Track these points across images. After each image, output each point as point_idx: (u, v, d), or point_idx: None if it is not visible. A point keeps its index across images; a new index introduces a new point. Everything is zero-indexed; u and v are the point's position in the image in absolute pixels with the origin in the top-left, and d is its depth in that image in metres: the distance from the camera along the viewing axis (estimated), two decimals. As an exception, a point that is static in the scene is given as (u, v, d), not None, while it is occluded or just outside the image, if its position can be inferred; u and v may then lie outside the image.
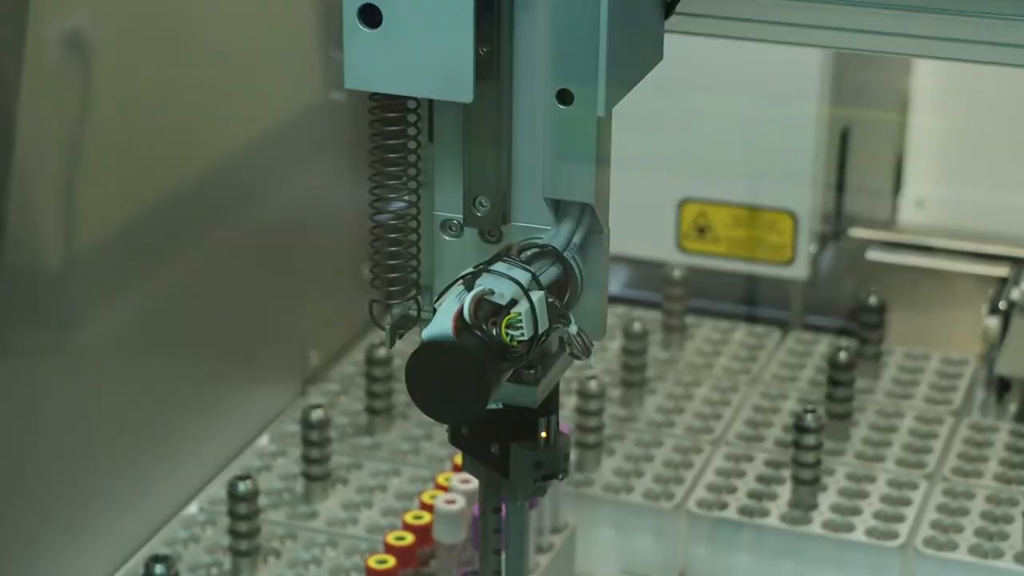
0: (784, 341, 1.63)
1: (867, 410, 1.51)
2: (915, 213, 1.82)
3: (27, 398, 1.26)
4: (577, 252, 1.02)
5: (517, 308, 0.96)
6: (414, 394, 0.95)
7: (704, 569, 1.38)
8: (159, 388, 1.41)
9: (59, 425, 1.29)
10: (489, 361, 0.95)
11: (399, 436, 1.49)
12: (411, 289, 1.05)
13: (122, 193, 1.33)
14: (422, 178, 1.04)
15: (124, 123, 1.32)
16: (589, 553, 1.39)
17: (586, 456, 1.43)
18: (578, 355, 1.02)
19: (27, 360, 1.26)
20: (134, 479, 1.38)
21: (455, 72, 0.97)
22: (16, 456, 1.25)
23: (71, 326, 1.30)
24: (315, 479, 1.40)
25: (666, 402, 1.53)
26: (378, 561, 1.24)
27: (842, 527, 1.36)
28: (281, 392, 1.57)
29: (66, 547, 1.31)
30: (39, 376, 1.27)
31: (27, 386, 1.26)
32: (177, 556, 1.31)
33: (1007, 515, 1.37)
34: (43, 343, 1.28)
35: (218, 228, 1.46)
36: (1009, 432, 1.48)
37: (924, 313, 1.70)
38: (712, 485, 1.41)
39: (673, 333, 1.62)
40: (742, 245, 1.67)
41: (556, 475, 1.07)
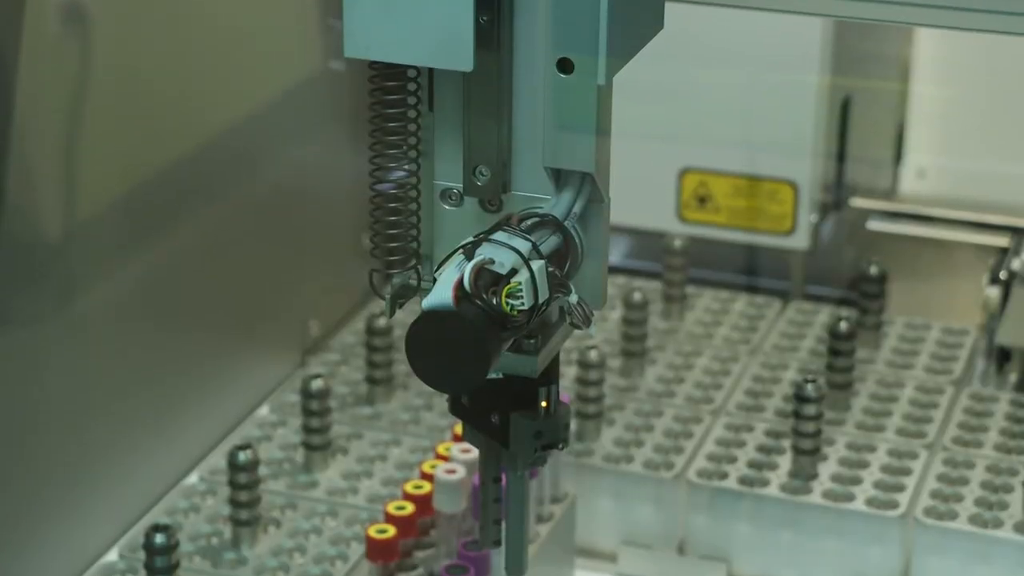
0: (784, 311, 1.63)
1: (867, 380, 1.51)
2: (916, 183, 1.81)
3: (27, 368, 1.26)
4: (577, 221, 1.02)
5: (517, 277, 0.96)
6: (414, 364, 0.95)
7: (704, 539, 1.38)
8: (159, 358, 1.41)
9: (59, 395, 1.29)
10: (489, 330, 0.95)
11: (399, 406, 1.49)
12: (411, 259, 1.05)
13: (122, 164, 1.33)
14: (422, 147, 1.03)
15: (124, 94, 1.32)
16: (589, 523, 1.40)
17: (586, 426, 1.43)
18: (578, 325, 1.02)
19: (27, 330, 1.26)
20: (134, 449, 1.38)
21: (455, 41, 0.97)
22: (15, 427, 1.26)
23: (71, 297, 1.30)
24: (315, 449, 1.40)
25: (666, 372, 1.53)
26: (378, 531, 1.24)
27: (842, 497, 1.36)
28: (281, 362, 1.57)
29: (66, 517, 1.31)
30: (39, 346, 1.27)
31: (27, 356, 1.26)
32: (177, 526, 1.31)
33: (1007, 485, 1.37)
34: (43, 313, 1.28)
35: (218, 198, 1.46)
36: (1009, 402, 1.48)
37: (925, 283, 1.70)
38: (712, 455, 1.41)
39: (673, 303, 1.61)
40: (742, 215, 1.67)
41: (556, 445, 1.07)
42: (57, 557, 1.30)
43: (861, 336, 1.53)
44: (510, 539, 1.11)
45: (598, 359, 1.41)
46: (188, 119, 1.41)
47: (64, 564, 1.30)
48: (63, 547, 1.30)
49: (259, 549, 1.30)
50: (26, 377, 1.26)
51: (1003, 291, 1.58)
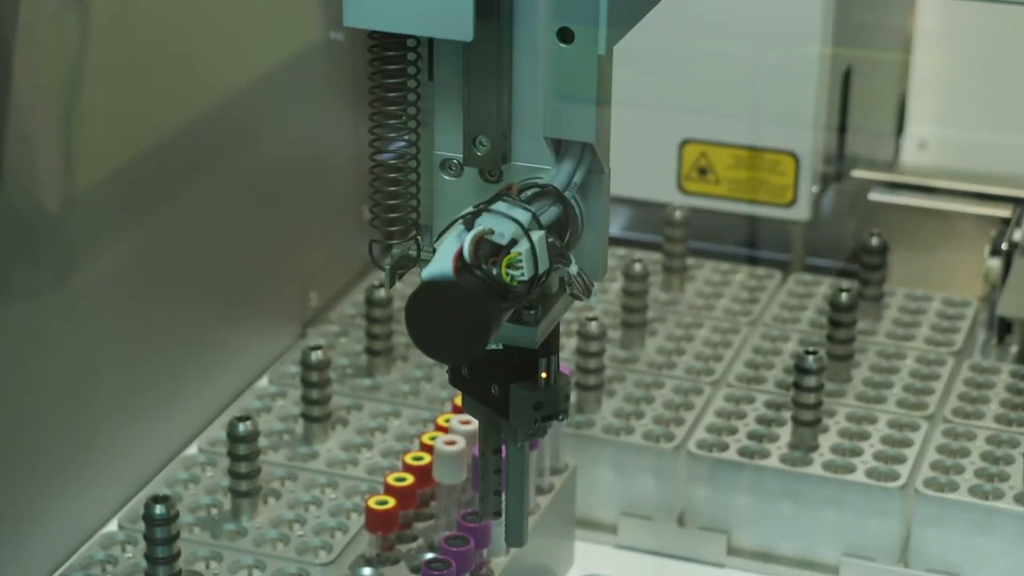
0: (785, 282, 1.63)
1: (868, 351, 1.51)
2: (917, 154, 1.81)
3: (27, 339, 1.26)
4: (578, 192, 1.02)
5: (517, 248, 0.96)
6: (414, 334, 0.95)
7: (704, 510, 1.38)
8: (159, 330, 1.40)
9: (59, 366, 1.29)
10: (489, 301, 0.95)
11: (399, 377, 1.49)
12: (411, 229, 1.04)
13: (121, 134, 1.33)
14: (422, 117, 1.03)
15: (123, 63, 1.31)
16: (589, 494, 1.39)
17: (586, 398, 1.42)
18: (579, 295, 1.02)
19: (27, 301, 1.26)
20: (134, 420, 1.38)
21: (455, 10, 0.97)
22: (15, 397, 1.25)
23: (70, 269, 1.30)
24: (315, 420, 1.40)
25: (667, 343, 1.52)
26: (378, 502, 1.24)
27: (842, 468, 1.36)
28: (281, 334, 1.57)
29: (66, 488, 1.31)
30: (39, 317, 1.27)
31: (27, 327, 1.26)
32: (177, 497, 1.32)
33: (1008, 456, 1.37)
34: (42, 286, 1.27)
35: (218, 169, 1.46)
36: (1010, 373, 1.48)
37: (926, 254, 1.70)
38: (712, 426, 1.41)
39: (674, 274, 1.61)
40: (743, 186, 1.66)
41: (556, 416, 1.07)
42: (57, 528, 1.30)
43: (862, 307, 1.53)
44: (510, 510, 1.11)
45: (598, 330, 1.41)
46: (187, 90, 1.40)
47: (64, 535, 1.30)
48: (63, 518, 1.30)
49: (259, 520, 1.30)
50: (25, 349, 1.26)
51: (1004, 262, 1.58)
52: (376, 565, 1.24)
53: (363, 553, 1.26)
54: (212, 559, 1.26)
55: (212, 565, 1.26)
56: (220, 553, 1.26)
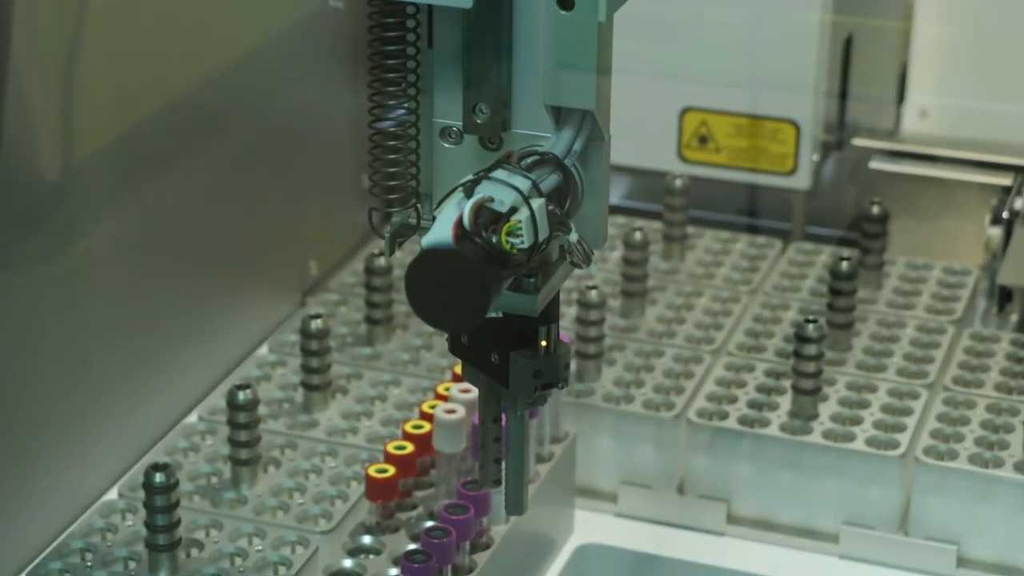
0: (785, 251, 1.63)
1: (868, 320, 1.51)
2: (918, 122, 1.81)
3: (27, 308, 1.26)
4: (578, 160, 1.01)
5: (517, 216, 0.95)
6: (414, 302, 0.95)
7: (704, 479, 1.38)
8: (158, 298, 1.40)
9: (59, 335, 1.29)
10: (489, 269, 0.94)
11: (399, 346, 1.49)
12: (410, 197, 1.04)
13: (120, 103, 1.32)
14: (421, 85, 1.03)
15: (122, 33, 1.31)
16: (589, 463, 1.40)
17: (587, 366, 1.42)
18: (579, 263, 1.02)
19: (26, 270, 1.26)
20: (134, 389, 1.38)
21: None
22: (15, 366, 1.25)
23: (70, 238, 1.30)
24: (315, 389, 1.40)
25: (667, 312, 1.52)
26: (378, 470, 1.24)
27: (842, 437, 1.36)
28: (281, 302, 1.56)
29: (66, 456, 1.31)
30: (38, 286, 1.27)
31: (26, 296, 1.26)
32: (177, 465, 1.32)
33: (1008, 424, 1.37)
34: (42, 254, 1.27)
35: (217, 138, 1.45)
36: (1010, 342, 1.48)
37: (926, 223, 1.69)
38: (712, 395, 1.41)
39: (674, 243, 1.61)
40: (744, 155, 1.66)
41: (556, 384, 1.06)
42: (58, 496, 1.30)
43: (862, 276, 1.53)
44: (510, 479, 1.11)
45: (598, 299, 1.41)
46: (186, 58, 1.40)
47: (65, 503, 1.31)
48: (63, 486, 1.31)
49: (259, 488, 1.30)
50: (26, 318, 1.26)
51: (1005, 231, 1.58)
52: (376, 533, 1.25)
53: (363, 521, 1.26)
54: (212, 527, 1.26)
55: (212, 533, 1.26)
56: (220, 521, 1.26)
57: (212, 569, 1.22)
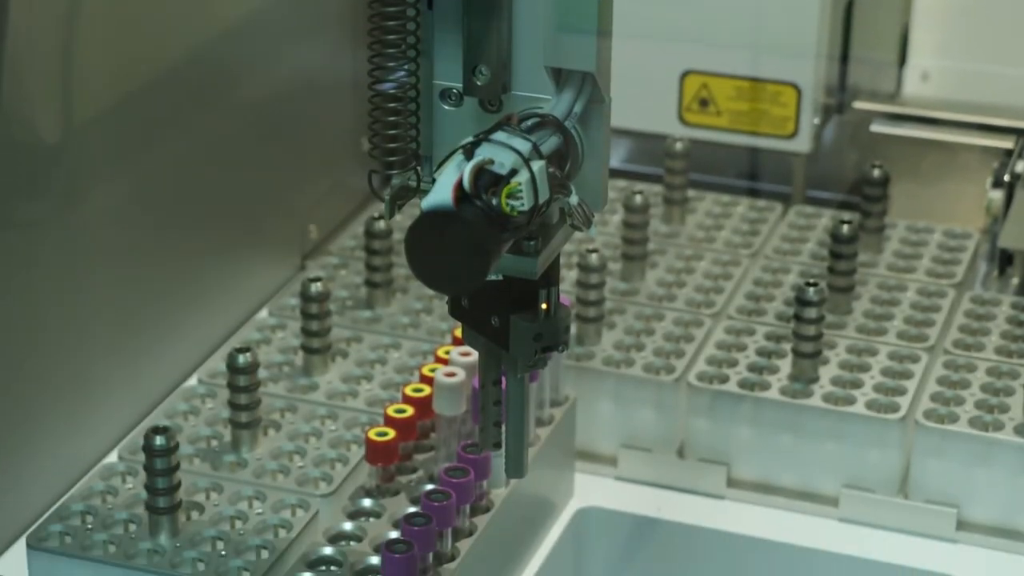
0: (786, 215, 1.62)
1: (869, 283, 1.50)
2: (920, 85, 1.80)
3: (27, 273, 1.26)
4: (578, 122, 1.01)
5: (517, 178, 0.95)
6: (413, 265, 0.95)
7: (704, 442, 1.38)
8: (158, 262, 1.40)
9: (59, 298, 1.29)
10: (489, 231, 0.94)
11: (399, 309, 1.49)
12: (410, 160, 1.04)
13: (119, 66, 1.32)
14: (421, 47, 1.02)
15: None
16: (589, 426, 1.40)
17: (587, 330, 1.42)
18: (579, 226, 1.02)
19: (26, 235, 1.25)
20: (134, 352, 1.38)
21: (454, -63, 0.96)
22: (15, 330, 1.25)
23: (70, 201, 1.29)
24: (315, 352, 1.40)
25: (667, 276, 1.52)
26: (378, 433, 1.24)
27: (843, 400, 1.36)
28: (280, 266, 1.56)
29: (66, 420, 1.31)
30: (38, 250, 1.27)
31: (26, 261, 1.26)
32: (177, 428, 1.32)
33: (1008, 388, 1.37)
34: (42, 218, 1.27)
35: (217, 101, 1.45)
36: (1011, 305, 1.48)
37: (927, 186, 1.69)
38: (712, 358, 1.41)
39: (674, 206, 1.61)
40: (745, 118, 1.65)
41: (556, 347, 1.06)
42: (58, 459, 1.30)
43: (863, 239, 1.52)
44: (510, 442, 1.11)
45: (599, 262, 1.41)
46: (185, 22, 1.39)
47: (65, 466, 1.31)
48: (64, 449, 1.31)
49: (259, 452, 1.30)
50: (26, 282, 1.26)
51: (1006, 194, 1.57)
52: (376, 496, 1.25)
53: (363, 484, 1.26)
54: (212, 490, 1.26)
55: (212, 496, 1.26)
56: (220, 484, 1.26)
57: (212, 532, 1.22)
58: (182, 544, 1.20)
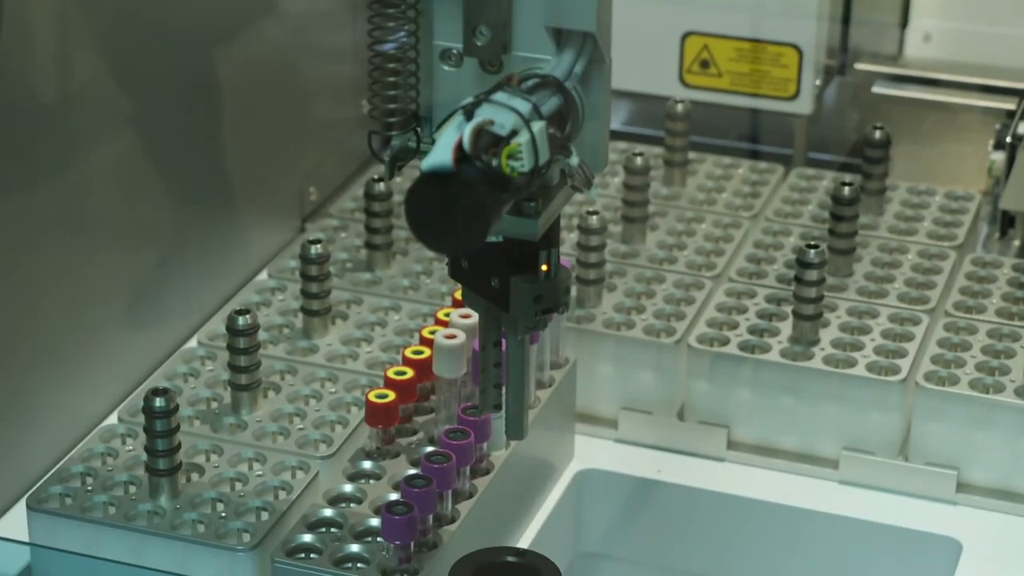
0: (787, 176, 1.62)
1: (870, 245, 1.50)
2: (921, 46, 1.79)
3: (27, 235, 1.26)
4: (578, 83, 1.01)
5: (518, 138, 0.95)
6: (413, 226, 0.94)
7: (704, 404, 1.38)
8: (158, 224, 1.40)
9: (59, 260, 1.29)
10: (489, 192, 0.94)
11: (399, 272, 1.48)
12: (410, 120, 1.04)
13: (118, 28, 1.31)
14: (421, 7, 1.02)
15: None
16: (590, 389, 1.39)
17: (587, 292, 1.42)
18: (579, 187, 1.01)
19: (26, 197, 1.25)
20: (133, 314, 1.38)
21: None
22: (15, 292, 1.25)
23: (69, 162, 1.29)
24: (314, 314, 1.39)
25: (667, 238, 1.52)
26: (378, 396, 1.24)
27: (843, 362, 1.36)
28: (280, 228, 1.56)
29: (66, 381, 1.31)
30: (39, 212, 1.26)
31: (27, 223, 1.25)
32: (177, 390, 1.31)
33: (1009, 350, 1.37)
34: (41, 180, 1.27)
35: (218, 62, 1.44)
36: (1012, 267, 1.47)
37: (929, 147, 1.69)
38: (713, 321, 1.41)
39: (675, 168, 1.60)
40: (746, 79, 1.65)
41: (556, 309, 1.06)
42: (58, 421, 1.30)
43: (864, 201, 1.52)
44: (510, 404, 1.11)
45: (599, 225, 1.40)
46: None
47: (65, 428, 1.31)
48: (64, 411, 1.31)
49: (258, 414, 1.30)
50: (26, 245, 1.25)
51: (1008, 155, 1.57)
52: (376, 458, 1.25)
53: (363, 446, 1.26)
54: (212, 452, 1.26)
55: (212, 458, 1.26)
56: (220, 446, 1.26)
57: (212, 493, 1.22)
58: (182, 506, 1.20)
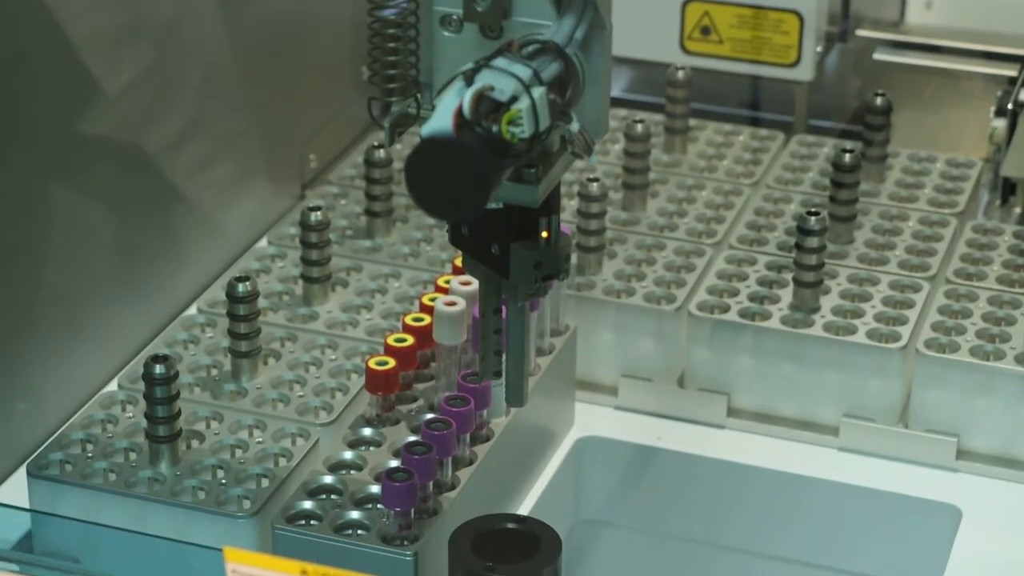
0: (788, 144, 1.61)
1: (871, 212, 1.50)
2: (923, 13, 1.79)
3: (28, 202, 1.25)
4: (579, 48, 1.00)
5: (518, 104, 0.95)
6: (413, 192, 0.94)
7: (705, 372, 1.38)
8: (158, 191, 1.40)
9: (59, 227, 1.29)
10: (489, 157, 0.94)
11: (399, 239, 1.48)
12: (410, 87, 1.03)
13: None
14: (421, -29, 1.01)
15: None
16: (590, 356, 1.39)
17: (587, 259, 1.42)
18: (580, 153, 1.01)
19: (26, 164, 1.25)
20: (134, 281, 1.38)
21: None
22: (16, 258, 1.25)
23: (70, 127, 1.29)
24: (315, 281, 1.39)
25: (668, 205, 1.52)
26: (378, 363, 1.24)
27: (844, 329, 1.35)
28: (280, 195, 1.56)
29: (66, 348, 1.31)
30: (37, 180, 1.26)
31: (27, 190, 1.25)
32: (177, 357, 1.31)
33: (1009, 317, 1.37)
34: (42, 147, 1.26)
35: (216, 29, 1.44)
36: (1013, 234, 1.47)
37: (930, 114, 1.68)
38: (714, 288, 1.40)
39: (676, 136, 1.60)
40: (747, 46, 1.64)
41: (556, 275, 1.06)
42: (59, 388, 1.30)
43: (865, 168, 1.52)
44: (510, 371, 1.11)
45: (599, 191, 1.40)
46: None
47: (65, 394, 1.31)
48: (64, 378, 1.31)
49: (259, 381, 1.30)
50: (27, 212, 1.25)
51: (1010, 122, 1.56)
52: (376, 425, 1.25)
53: (363, 413, 1.26)
54: (212, 419, 1.26)
55: (212, 425, 1.26)
56: (220, 413, 1.26)
57: (212, 460, 1.22)
58: (182, 472, 1.21)
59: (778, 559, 1.37)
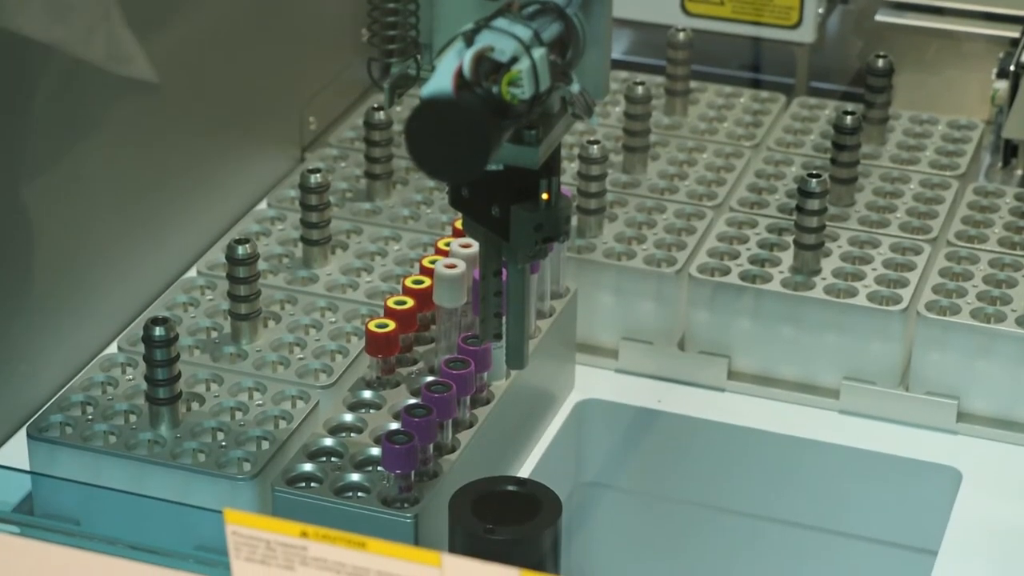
0: (789, 106, 1.61)
1: (872, 175, 1.50)
2: (926, -26, 1.78)
3: (27, 165, 1.25)
4: (579, 9, 1.00)
5: (518, 65, 0.94)
6: (413, 153, 0.94)
7: (705, 334, 1.38)
8: (158, 154, 1.39)
9: (58, 189, 1.28)
10: (489, 118, 0.93)
11: (399, 201, 1.48)
12: (410, 48, 1.03)
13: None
14: (421, -68, 1.01)
15: None
16: (590, 318, 1.39)
17: (588, 222, 1.41)
18: (580, 115, 1.01)
19: (26, 128, 1.25)
20: (134, 244, 1.37)
21: None
22: (15, 221, 1.25)
23: (68, 91, 1.28)
24: (314, 244, 1.39)
25: (669, 167, 1.51)
26: (378, 325, 1.24)
27: (845, 292, 1.35)
28: (280, 158, 1.55)
29: (66, 310, 1.31)
30: (37, 143, 1.26)
31: (27, 153, 1.25)
32: (177, 319, 1.31)
33: (1010, 279, 1.37)
34: (41, 107, 1.26)
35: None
36: (1014, 197, 1.47)
37: (932, 76, 1.68)
38: (714, 251, 1.40)
39: (676, 98, 1.59)
40: (748, 8, 1.64)
41: (556, 238, 1.06)
42: (59, 350, 1.30)
43: (866, 131, 1.51)
44: (511, 333, 1.11)
45: (600, 154, 1.40)
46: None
47: (65, 357, 1.31)
48: (64, 340, 1.31)
49: (258, 343, 1.30)
50: (27, 174, 1.25)
51: (1011, 84, 1.56)
52: (376, 388, 1.25)
53: (363, 376, 1.26)
54: (212, 381, 1.26)
55: (212, 387, 1.26)
56: (220, 376, 1.26)
57: (212, 423, 1.22)
58: (182, 435, 1.21)
59: (779, 522, 1.37)
